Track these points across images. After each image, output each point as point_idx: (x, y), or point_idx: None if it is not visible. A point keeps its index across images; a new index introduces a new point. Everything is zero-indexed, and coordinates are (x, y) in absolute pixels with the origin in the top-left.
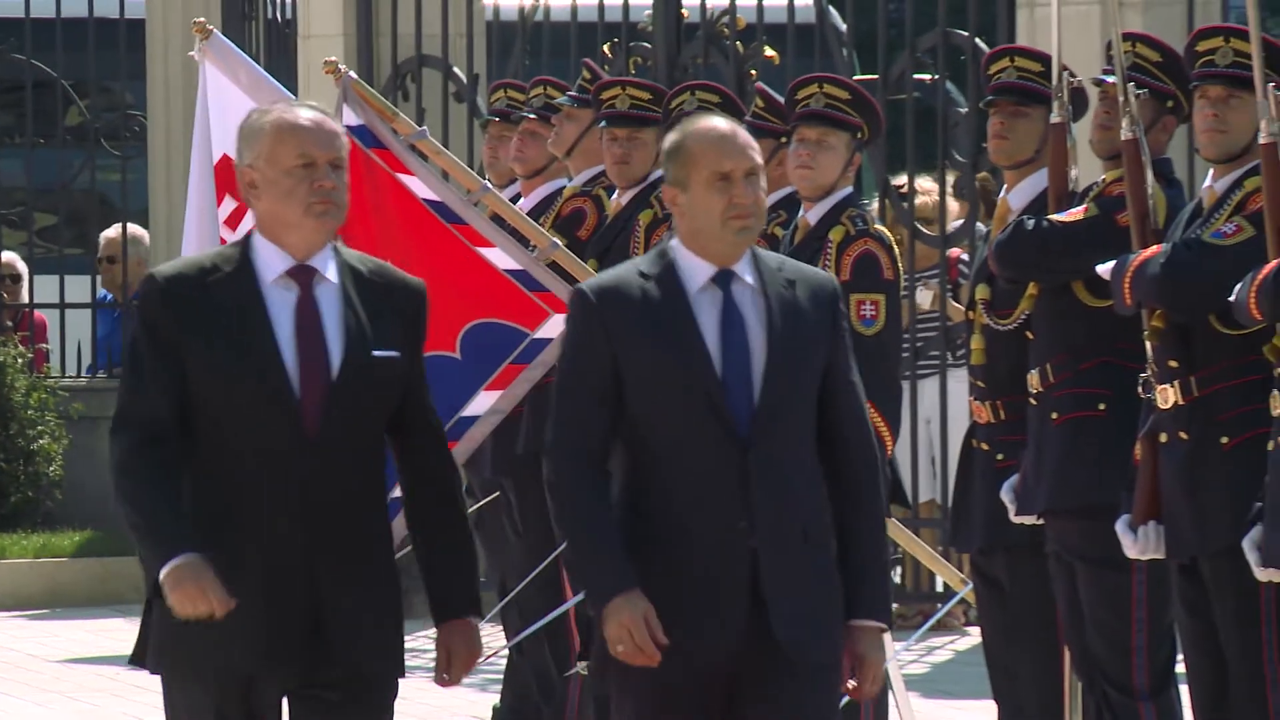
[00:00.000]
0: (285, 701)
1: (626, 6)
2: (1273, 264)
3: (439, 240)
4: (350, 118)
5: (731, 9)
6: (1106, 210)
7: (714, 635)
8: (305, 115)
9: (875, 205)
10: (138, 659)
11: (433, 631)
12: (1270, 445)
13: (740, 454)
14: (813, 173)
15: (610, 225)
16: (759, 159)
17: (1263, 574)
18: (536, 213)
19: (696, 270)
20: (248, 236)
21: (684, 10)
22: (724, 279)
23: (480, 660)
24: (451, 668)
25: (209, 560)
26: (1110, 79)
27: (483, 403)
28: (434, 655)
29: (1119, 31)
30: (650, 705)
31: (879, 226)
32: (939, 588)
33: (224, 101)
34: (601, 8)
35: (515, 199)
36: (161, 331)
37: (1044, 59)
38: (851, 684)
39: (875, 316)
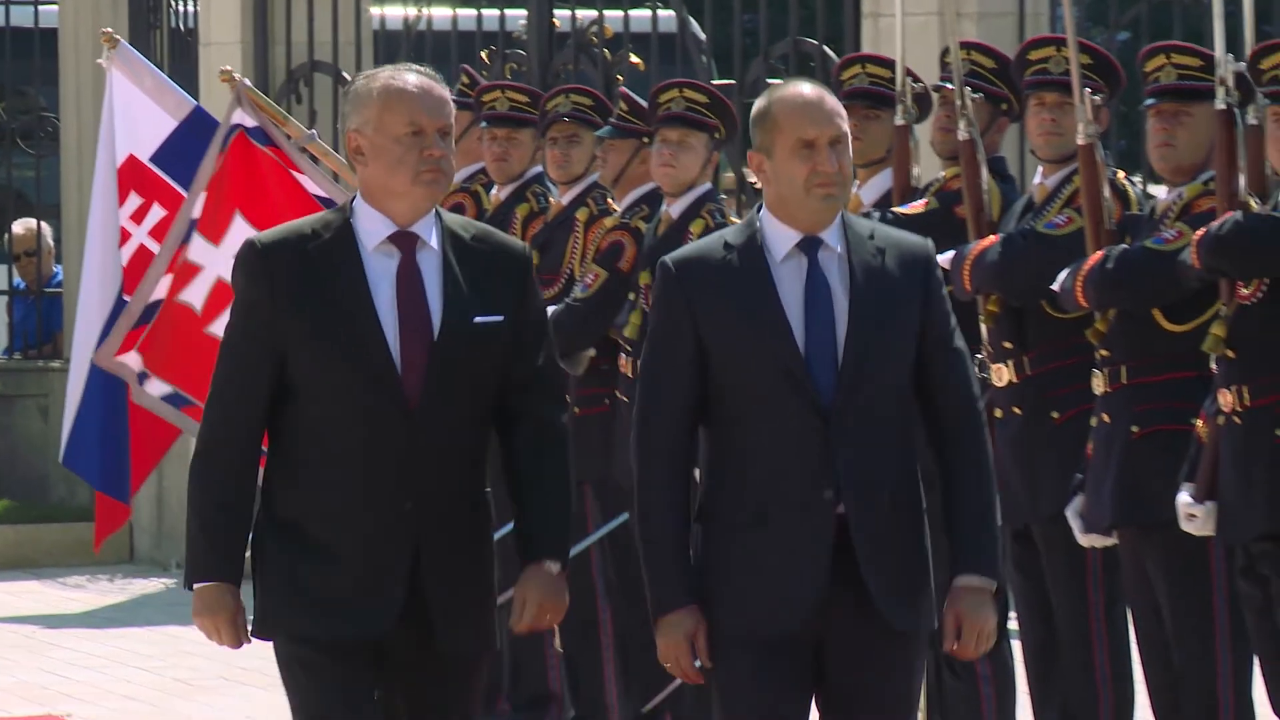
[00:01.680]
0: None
1: (503, 17)
2: (1097, 255)
3: None
4: (246, 120)
5: (600, 19)
6: (946, 204)
7: (802, 604)
8: (413, 81)
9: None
10: (258, 630)
11: None
12: (1093, 420)
13: (823, 423)
14: (674, 170)
15: (493, 216)
16: (846, 126)
17: (1085, 540)
18: None
19: (782, 238)
20: (350, 201)
21: (555, 20)
22: (810, 246)
23: (559, 608)
24: (526, 612)
25: (235, 590)
26: (949, 84)
27: None
28: None
29: (956, 40)
30: (743, 663)
31: (735, 219)
32: None
33: (130, 106)
34: (480, 18)
35: None
36: (257, 303)
37: (892, 65)
38: (955, 645)
39: None
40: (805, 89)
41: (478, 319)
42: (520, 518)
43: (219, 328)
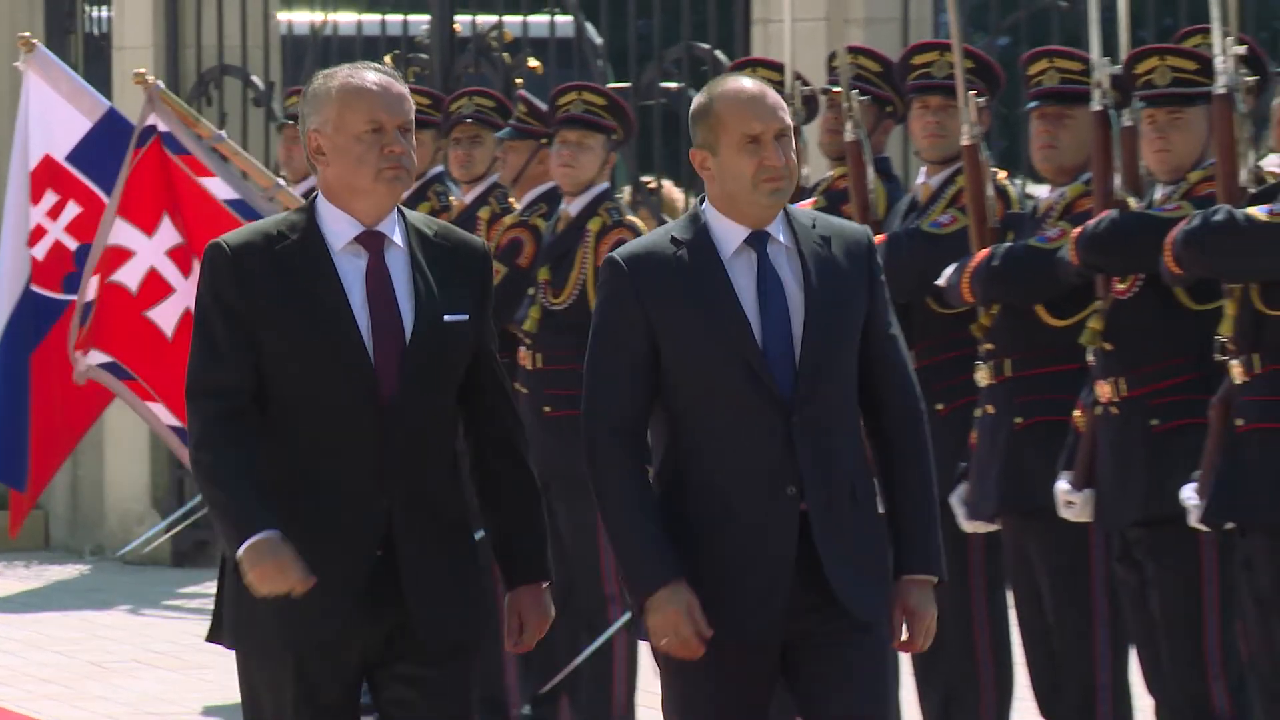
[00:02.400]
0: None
1: (406, 22)
2: (983, 253)
3: None
4: (159, 124)
5: (499, 25)
6: (833, 202)
7: (767, 601)
8: (372, 78)
9: (627, 198)
10: (214, 635)
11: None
12: (978, 412)
13: (784, 418)
14: (573, 170)
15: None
16: (789, 119)
17: (968, 526)
18: None
19: (730, 233)
20: (312, 202)
21: (457, 26)
22: (758, 240)
23: (548, 623)
24: (524, 633)
25: (281, 537)
26: (836, 88)
27: None
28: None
29: (844, 45)
30: (704, 674)
31: (631, 217)
32: None
33: (46, 108)
34: (384, 24)
35: (307, 194)
36: (230, 301)
37: (782, 69)
38: (904, 638)
39: None
40: (746, 84)
41: (447, 317)
42: (497, 533)
43: (157, 314)
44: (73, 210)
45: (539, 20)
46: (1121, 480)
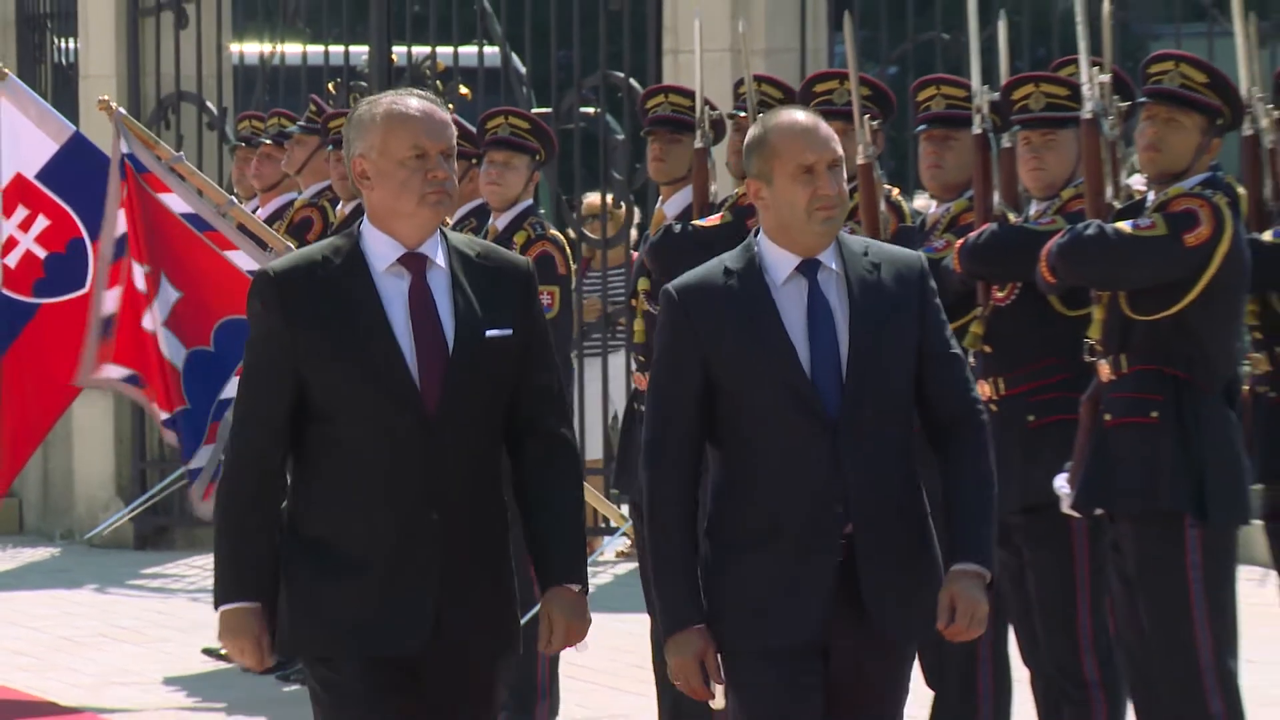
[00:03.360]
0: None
1: (347, 53)
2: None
3: (193, 249)
4: (125, 146)
5: (433, 55)
6: (739, 216)
7: (811, 621)
8: (415, 105)
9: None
10: (283, 650)
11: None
12: None
13: (831, 440)
14: (500, 188)
15: (339, 226)
16: (840, 151)
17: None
18: (271, 220)
19: (782, 262)
20: (358, 225)
21: (394, 56)
22: (809, 268)
23: (584, 628)
24: (554, 635)
25: (260, 611)
26: (743, 112)
27: (234, 387)
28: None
29: (750, 74)
30: (759, 675)
31: (554, 231)
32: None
33: (16, 131)
34: (327, 54)
35: (255, 210)
36: (273, 330)
37: (692, 95)
38: (949, 624)
39: (552, 305)
40: (800, 115)
41: (489, 333)
42: (536, 539)
43: (148, 322)
44: (42, 223)
45: (468, 51)
46: (1001, 471)
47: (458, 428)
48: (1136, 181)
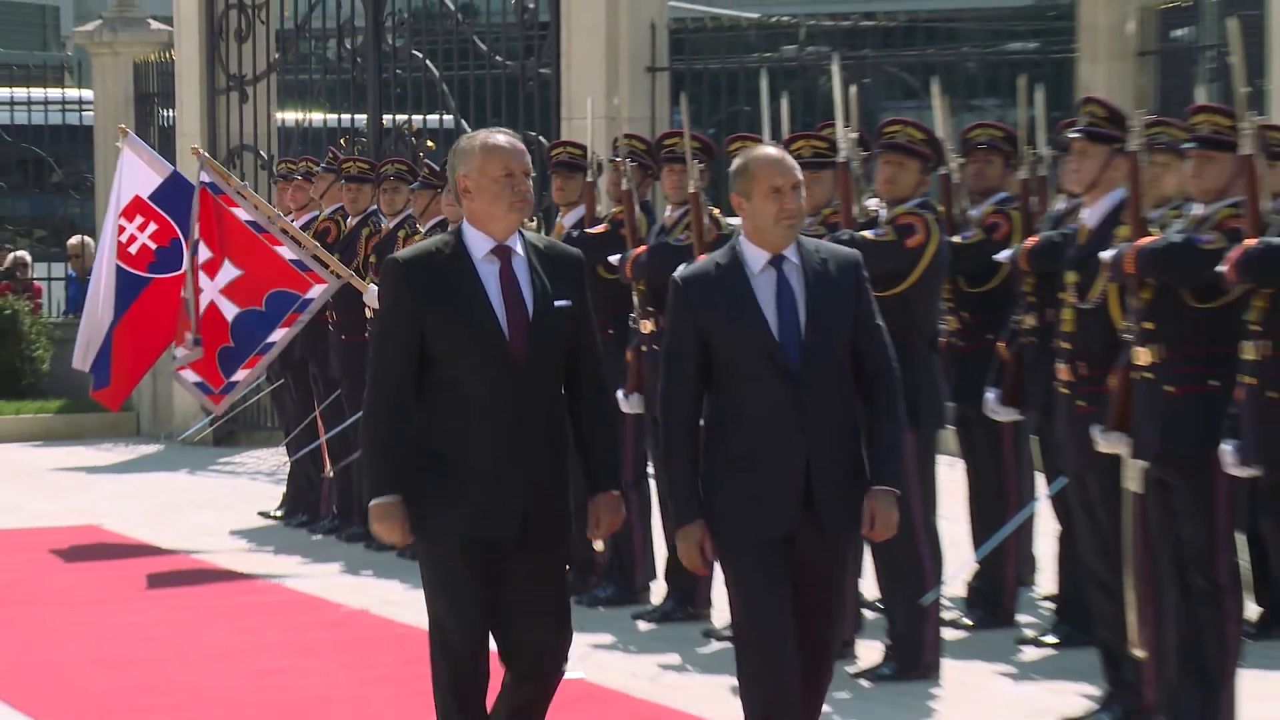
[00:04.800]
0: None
1: (353, 119)
2: (702, 256)
3: (254, 243)
4: (206, 178)
5: (409, 120)
6: (615, 227)
7: (779, 516)
8: (503, 139)
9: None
10: (415, 530)
11: None
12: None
13: (794, 389)
14: (455, 210)
15: (349, 233)
16: (800, 175)
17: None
18: (302, 229)
19: (757, 256)
20: (459, 226)
21: (384, 121)
22: (777, 261)
23: (620, 520)
24: (600, 528)
25: (404, 502)
26: (617, 158)
27: (278, 334)
28: None
29: (622, 133)
30: (746, 559)
31: None
32: None
33: (134, 168)
34: (339, 119)
35: (293, 221)
36: (402, 299)
37: (584, 146)
38: (870, 530)
39: None
40: (771, 151)
41: (557, 303)
42: (584, 455)
43: (207, 294)
44: (152, 227)
45: (434, 118)
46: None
47: (536, 372)
48: (872, 204)
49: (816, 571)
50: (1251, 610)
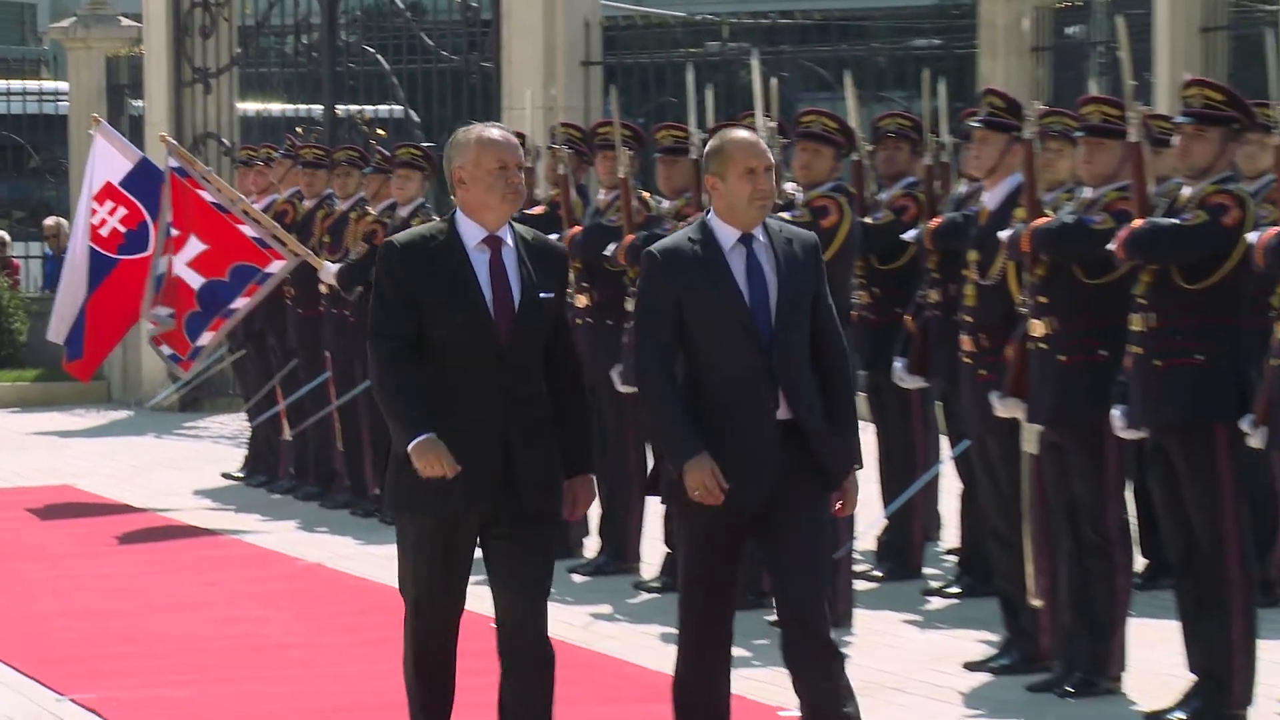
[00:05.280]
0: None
1: (310, 110)
2: (630, 236)
3: (218, 222)
4: (174, 163)
5: (361, 111)
6: (552, 209)
7: (756, 481)
8: (497, 132)
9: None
10: (384, 509)
11: None
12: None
13: (765, 357)
14: (404, 191)
15: (307, 215)
16: (772, 159)
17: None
18: (264, 210)
19: (728, 234)
20: (451, 215)
21: (338, 111)
22: (747, 240)
23: (592, 500)
24: (577, 507)
25: (436, 437)
26: (555, 145)
27: (240, 302)
28: None
29: (559, 121)
30: (704, 531)
31: (435, 217)
32: None
33: (107, 156)
34: (296, 110)
35: (253, 203)
36: (399, 279)
37: (522, 135)
38: (839, 505)
39: None
40: (746, 134)
41: (540, 294)
42: (563, 440)
43: (177, 266)
44: (122, 211)
45: (384, 108)
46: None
47: (519, 355)
48: (789, 188)
49: (800, 510)
50: (1139, 562)
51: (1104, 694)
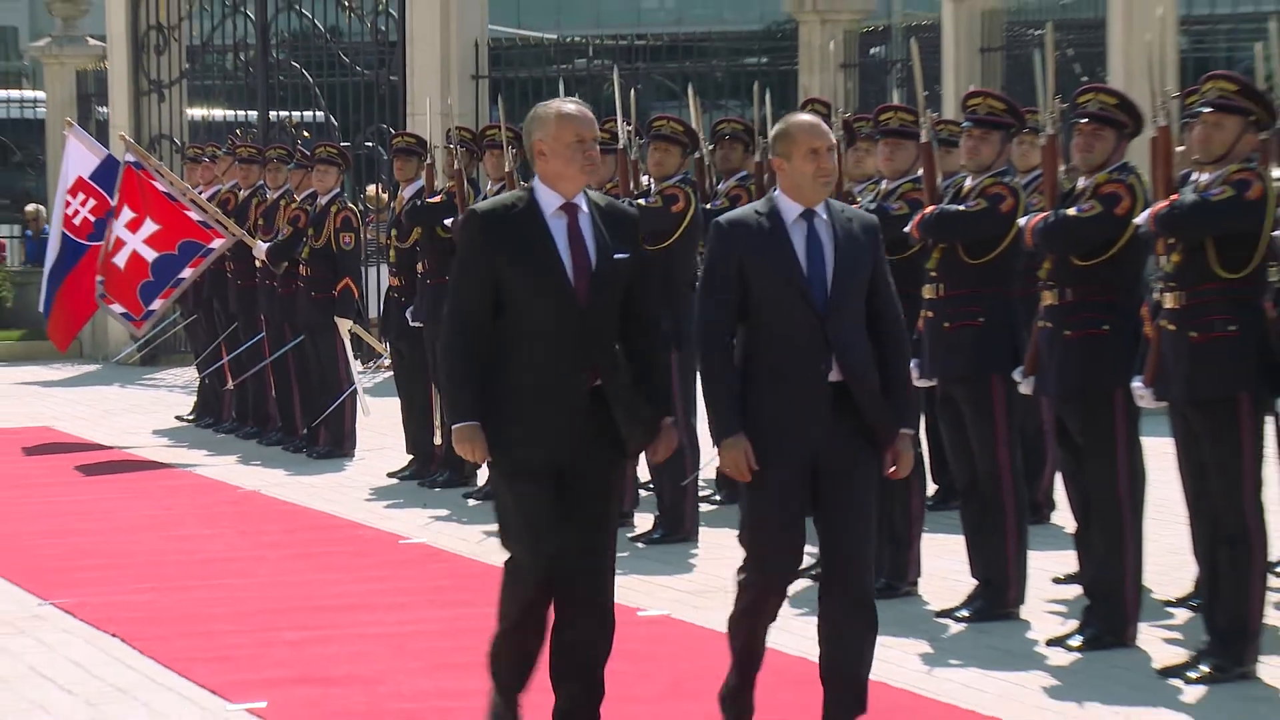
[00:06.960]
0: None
1: (246, 115)
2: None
3: (169, 207)
4: (131, 158)
5: (289, 116)
6: (450, 198)
7: (808, 439)
8: (573, 107)
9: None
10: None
11: None
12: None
13: (820, 324)
14: (323, 183)
15: (241, 204)
16: (834, 140)
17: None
18: (210, 199)
19: (791, 209)
20: (531, 184)
21: (270, 116)
22: (808, 215)
23: (674, 445)
24: (658, 453)
25: (481, 426)
26: (450, 145)
27: (188, 273)
28: None
29: (454, 125)
30: (769, 487)
31: (350, 204)
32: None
33: (79, 154)
34: (235, 115)
35: (200, 193)
36: (480, 247)
37: (421, 137)
38: (893, 469)
39: (350, 241)
40: (808, 117)
41: (615, 255)
42: (641, 386)
43: (129, 246)
44: (91, 203)
45: (309, 114)
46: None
47: (596, 315)
48: (645, 180)
49: (849, 473)
50: (931, 488)
51: (903, 596)
